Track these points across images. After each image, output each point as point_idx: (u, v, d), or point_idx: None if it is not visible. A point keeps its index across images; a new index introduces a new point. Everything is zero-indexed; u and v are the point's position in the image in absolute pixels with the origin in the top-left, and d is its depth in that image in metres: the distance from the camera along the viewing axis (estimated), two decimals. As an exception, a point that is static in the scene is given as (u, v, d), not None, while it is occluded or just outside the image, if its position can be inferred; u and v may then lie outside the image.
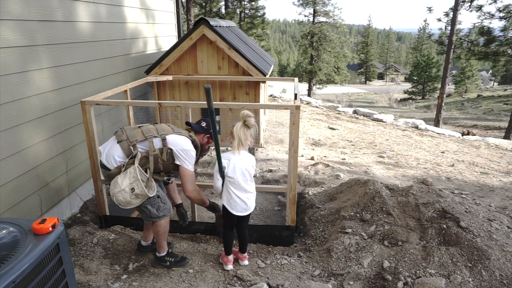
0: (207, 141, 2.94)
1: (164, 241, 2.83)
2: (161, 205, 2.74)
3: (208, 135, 2.90)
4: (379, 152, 7.00)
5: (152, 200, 2.68)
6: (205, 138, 2.92)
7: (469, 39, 15.79)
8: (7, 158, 2.92)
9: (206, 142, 2.93)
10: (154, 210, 2.71)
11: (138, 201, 2.56)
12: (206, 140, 2.93)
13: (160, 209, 2.73)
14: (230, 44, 4.63)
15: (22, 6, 3.02)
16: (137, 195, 2.51)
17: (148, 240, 3.09)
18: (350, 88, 45.91)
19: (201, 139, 2.89)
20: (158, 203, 2.73)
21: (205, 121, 2.93)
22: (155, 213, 2.71)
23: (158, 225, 2.75)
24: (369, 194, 3.60)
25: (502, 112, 23.51)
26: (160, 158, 2.68)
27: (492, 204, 4.27)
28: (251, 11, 20.45)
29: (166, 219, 2.78)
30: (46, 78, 3.35)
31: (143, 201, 2.60)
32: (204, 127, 2.91)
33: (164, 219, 2.76)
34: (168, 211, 2.80)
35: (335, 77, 30.07)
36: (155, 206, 2.71)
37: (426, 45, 51.74)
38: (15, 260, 1.43)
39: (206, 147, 2.96)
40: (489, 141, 9.52)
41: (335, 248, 3.04)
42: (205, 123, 2.93)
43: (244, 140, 2.65)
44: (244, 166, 2.69)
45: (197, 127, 2.90)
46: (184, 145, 2.71)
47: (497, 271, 2.64)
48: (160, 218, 2.74)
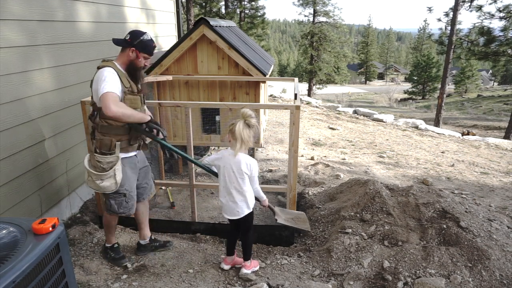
0: (136, 55, 2.52)
1: (110, 233, 2.91)
2: (124, 203, 2.72)
3: (133, 48, 2.49)
4: (379, 152, 7.00)
5: (117, 197, 2.68)
6: (132, 53, 2.51)
7: (469, 39, 15.78)
8: (7, 158, 2.92)
9: (135, 57, 2.53)
10: (115, 206, 2.71)
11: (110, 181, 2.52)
12: (134, 55, 2.52)
13: (121, 206, 2.72)
14: (230, 44, 4.62)
15: (23, 6, 3.02)
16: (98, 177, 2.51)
17: (146, 238, 3.09)
18: (350, 88, 45.90)
19: (128, 56, 2.52)
20: (122, 201, 2.71)
21: (129, 33, 2.53)
22: (115, 209, 2.72)
23: (107, 217, 2.82)
24: (369, 194, 3.60)
25: (502, 112, 23.50)
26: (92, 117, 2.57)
27: (492, 204, 4.27)
28: (251, 11, 20.45)
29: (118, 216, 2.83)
30: (47, 78, 3.35)
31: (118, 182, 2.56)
32: (127, 40, 2.50)
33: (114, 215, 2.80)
34: (129, 210, 2.77)
35: (335, 77, 30.07)
36: (117, 203, 2.71)
37: (426, 45, 51.73)
38: (15, 260, 1.43)
39: (138, 63, 2.56)
40: (489, 141, 9.52)
41: (335, 248, 3.04)
42: (129, 35, 2.52)
43: (247, 142, 2.55)
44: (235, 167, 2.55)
45: (118, 40, 2.55)
46: (96, 76, 2.47)
47: (497, 271, 2.64)
48: (116, 214, 2.77)
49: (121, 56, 2.56)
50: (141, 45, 2.51)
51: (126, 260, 2.91)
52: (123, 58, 2.55)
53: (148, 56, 2.57)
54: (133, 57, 2.53)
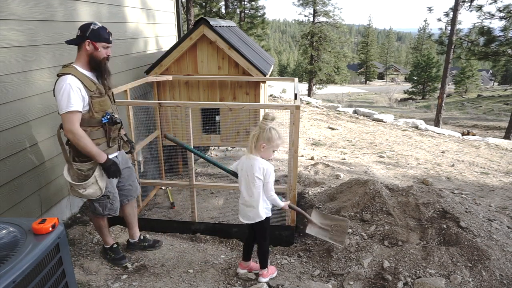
0: (94, 47, 2.36)
1: (104, 235, 2.90)
2: (108, 205, 2.71)
3: (88, 40, 2.33)
4: (379, 152, 7.00)
5: (101, 199, 2.65)
6: (89, 45, 2.35)
7: (469, 39, 15.79)
8: (8, 158, 2.92)
9: (93, 49, 2.36)
10: (100, 209, 2.70)
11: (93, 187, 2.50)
12: (91, 47, 2.35)
13: (106, 208, 2.71)
14: (230, 44, 4.62)
15: (23, 6, 3.02)
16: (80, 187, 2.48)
17: (135, 237, 3.10)
18: (350, 88, 45.90)
19: (86, 50, 2.37)
20: (106, 204, 2.69)
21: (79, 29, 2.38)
22: (100, 211, 2.71)
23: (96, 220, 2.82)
24: (369, 194, 3.60)
25: (502, 112, 23.51)
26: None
27: (492, 204, 4.27)
28: (251, 11, 20.45)
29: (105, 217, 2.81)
30: (47, 78, 3.35)
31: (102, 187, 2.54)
32: (79, 35, 2.35)
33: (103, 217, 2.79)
34: (115, 212, 2.76)
35: (335, 77, 30.08)
36: (102, 205, 2.69)
37: (426, 45, 51.73)
38: (15, 260, 1.43)
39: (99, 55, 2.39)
40: (489, 141, 9.52)
41: (335, 248, 3.04)
42: (79, 30, 2.36)
43: (251, 143, 2.44)
44: (248, 171, 2.48)
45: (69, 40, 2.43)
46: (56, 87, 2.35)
47: (497, 271, 2.64)
48: (103, 216, 2.77)
49: (79, 56, 2.41)
50: (93, 34, 2.35)
51: (126, 260, 2.91)
52: (82, 56, 2.40)
53: (106, 44, 2.40)
54: (91, 50, 2.37)
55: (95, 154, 2.42)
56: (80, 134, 2.35)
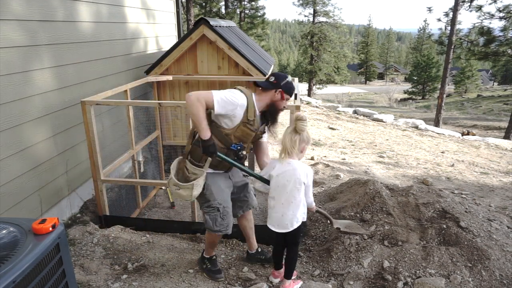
0: (281, 97, 2.48)
1: (210, 248, 2.78)
2: (219, 219, 2.55)
3: (280, 89, 2.45)
4: (379, 152, 7.00)
5: (211, 211, 2.54)
6: (278, 94, 2.47)
7: (469, 39, 15.79)
8: (8, 158, 2.92)
9: (279, 98, 2.48)
10: (210, 222, 2.55)
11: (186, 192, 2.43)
12: (279, 96, 2.47)
13: (216, 223, 2.55)
14: (230, 44, 4.63)
15: (23, 6, 3.02)
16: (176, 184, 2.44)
17: (253, 249, 3.00)
18: (350, 88, 45.90)
19: (272, 96, 2.47)
20: (216, 217, 2.54)
21: (273, 75, 2.49)
22: (210, 225, 2.56)
23: (208, 234, 2.69)
24: (369, 194, 3.60)
25: (502, 112, 23.52)
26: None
27: (492, 204, 4.27)
28: (251, 11, 20.46)
29: (219, 234, 2.63)
30: (48, 78, 3.35)
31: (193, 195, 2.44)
32: (273, 82, 2.46)
33: (217, 234, 2.62)
34: (225, 228, 2.59)
35: (335, 77, 30.08)
36: (212, 218, 2.55)
37: (426, 45, 51.74)
38: (15, 260, 1.43)
39: (281, 104, 2.52)
40: (489, 141, 9.52)
41: (335, 248, 3.04)
42: (274, 77, 2.48)
43: (291, 148, 2.34)
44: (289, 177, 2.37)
45: (264, 82, 2.50)
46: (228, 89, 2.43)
47: (497, 271, 2.64)
48: (214, 232, 2.59)
49: (262, 95, 2.48)
50: (287, 87, 2.48)
51: (222, 275, 2.76)
52: (265, 98, 2.47)
53: (289, 98, 2.55)
54: (277, 99, 2.48)
55: (201, 125, 2.29)
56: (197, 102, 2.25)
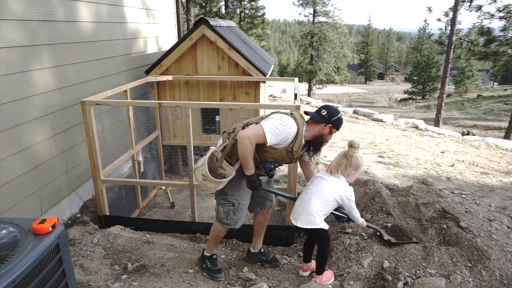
0: (330, 131, 2.54)
1: (213, 243, 2.80)
2: (231, 214, 2.61)
3: (330, 124, 2.50)
4: (379, 152, 7.00)
5: (225, 204, 2.60)
6: (327, 129, 2.52)
7: (469, 39, 15.80)
8: (8, 158, 2.92)
9: (328, 132, 2.54)
10: (222, 214, 2.62)
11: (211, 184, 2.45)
12: (328, 130, 2.52)
13: (228, 217, 2.61)
14: (230, 44, 4.63)
15: (24, 6, 3.02)
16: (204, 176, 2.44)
17: (256, 248, 3.02)
18: (350, 88, 45.91)
19: (321, 130, 2.52)
20: (229, 211, 2.60)
21: (325, 109, 2.53)
22: (221, 217, 2.63)
23: (216, 226, 2.72)
24: (369, 194, 3.60)
25: (502, 112, 23.52)
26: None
27: (492, 204, 4.27)
28: (251, 11, 20.46)
29: (226, 228, 2.68)
30: (48, 78, 3.35)
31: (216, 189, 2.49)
32: (325, 116, 2.50)
33: (224, 227, 2.67)
34: (235, 223, 2.65)
35: (335, 77, 30.08)
36: (225, 211, 2.61)
37: (426, 45, 51.74)
38: (15, 260, 1.43)
39: (327, 138, 2.58)
40: (489, 141, 9.52)
41: (335, 248, 3.04)
42: (326, 111, 2.52)
43: (334, 168, 2.55)
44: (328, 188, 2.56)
45: (315, 115, 2.52)
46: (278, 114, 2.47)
47: (497, 271, 2.64)
48: (222, 224, 2.65)
49: (313, 126, 2.53)
50: (337, 123, 2.54)
51: (222, 275, 2.77)
52: (315, 129, 2.53)
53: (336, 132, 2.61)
54: (326, 132, 2.54)
55: (248, 165, 2.41)
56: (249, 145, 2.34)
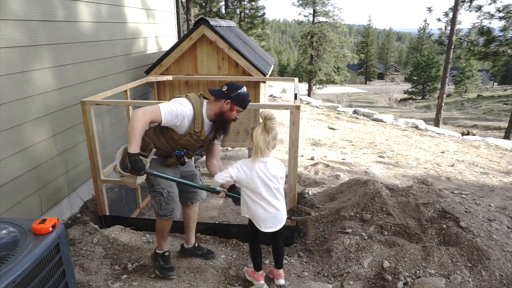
0: (230, 108, 2.46)
1: (162, 239, 2.75)
2: (163, 204, 2.59)
3: (229, 100, 2.44)
4: (379, 152, 7.00)
5: (156, 195, 2.58)
6: (227, 105, 2.45)
7: (469, 39, 15.81)
8: (8, 158, 2.92)
9: (229, 109, 2.46)
10: (156, 206, 2.61)
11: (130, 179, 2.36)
12: (228, 106, 2.45)
13: (161, 207, 2.60)
14: (230, 44, 4.63)
15: (23, 6, 3.02)
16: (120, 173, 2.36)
17: (190, 243, 3.01)
18: (350, 88, 45.91)
19: (221, 106, 2.47)
20: (160, 201, 2.58)
21: (227, 85, 2.48)
22: (156, 209, 2.63)
23: (157, 221, 2.70)
24: (369, 194, 3.60)
25: (502, 112, 23.52)
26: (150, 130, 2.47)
27: (492, 204, 4.27)
28: (251, 11, 20.47)
29: (166, 220, 2.63)
30: (48, 78, 3.35)
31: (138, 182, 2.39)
32: (224, 92, 2.45)
33: (163, 219, 2.63)
34: (170, 213, 2.60)
35: (335, 77, 30.08)
36: (157, 202, 2.60)
37: (426, 45, 51.73)
38: (15, 260, 1.43)
39: (230, 115, 2.50)
40: (489, 141, 9.52)
41: (335, 248, 3.04)
42: (227, 87, 2.46)
43: (264, 150, 2.32)
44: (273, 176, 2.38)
45: (215, 91, 2.48)
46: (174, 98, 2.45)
47: (497, 271, 2.64)
48: (160, 217, 2.63)
49: (214, 104, 2.50)
50: (237, 98, 2.46)
51: (175, 272, 2.72)
52: (216, 106, 2.49)
53: (241, 109, 2.53)
54: (226, 109, 2.47)
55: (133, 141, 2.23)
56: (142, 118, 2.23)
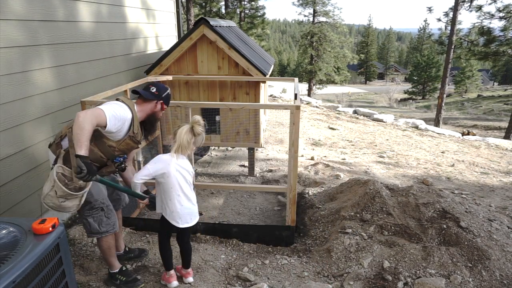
0: (161, 108, 2.61)
1: (112, 257, 2.60)
2: (104, 219, 2.45)
3: (161, 101, 2.58)
4: (379, 152, 7.00)
5: (94, 213, 2.42)
6: (158, 105, 2.58)
7: (469, 39, 15.81)
8: (8, 158, 2.92)
9: (160, 109, 2.61)
10: (96, 224, 2.43)
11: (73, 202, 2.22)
12: (159, 107, 2.59)
13: (102, 224, 2.44)
14: (230, 44, 4.62)
15: (24, 6, 3.02)
16: (63, 196, 2.17)
17: (120, 250, 2.92)
18: (350, 88, 45.90)
19: (153, 107, 2.56)
20: (101, 217, 2.44)
21: (154, 86, 2.58)
22: (96, 228, 2.44)
23: (101, 241, 2.52)
24: (369, 194, 3.60)
25: (502, 112, 23.52)
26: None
27: (492, 204, 4.26)
28: (251, 11, 20.46)
29: (109, 235, 2.51)
30: (48, 78, 3.35)
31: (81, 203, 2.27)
32: (155, 93, 2.55)
33: (106, 236, 2.50)
34: (112, 227, 2.51)
35: (335, 77, 30.07)
36: (97, 220, 2.43)
37: (426, 45, 51.71)
38: (15, 260, 1.43)
39: (160, 115, 2.65)
40: (489, 141, 9.52)
41: (335, 248, 3.04)
42: (155, 88, 2.57)
43: (185, 148, 2.39)
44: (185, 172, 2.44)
45: (146, 93, 2.54)
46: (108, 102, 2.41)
47: (497, 271, 2.64)
48: (102, 235, 2.47)
49: (143, 105, 2.54)
50: (167, 98, 2.62)
51: (141, 281, 2.65)
52: (147, 107, 2.55)
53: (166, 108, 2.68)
54: (158, 109, 2.60)
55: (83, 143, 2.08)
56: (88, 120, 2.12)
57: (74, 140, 2.11)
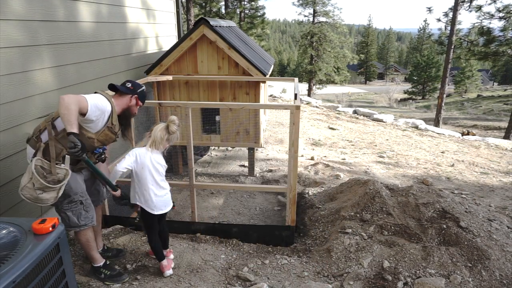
0: (136, 103, 2.69)
1: (93, 251, 2.64)
2: (83, 212, 2.49)
3: (136, 95, 2.67)
4: (379, 152, 7.00)
5: (73, 206, 2.46)
6: (133, 100, 2.67)
7: (469, 39, 15.80)
8: (8, 158, 2.92)
9: (134, 104, 2.69)
10: (74, 218, 2.46)
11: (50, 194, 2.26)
12: (134, 101, 2.68)
13: (81, 217, 2.48)
14: (230, 44, 4.62)
15: (24, 6, 3.02)
16: (40, 188, 2.23)
17: (99, 247, 2.91)
18: (350, 88, 45.90)
19: (128, 101, 2.65)
20: (80, 210, 2.48)
21: (129, 82, 2.70)
22: (74, 222, 2.47)
23: (79, 235, 2.55)
24: (369, 194, 3.60)
25: (502, 112, 23.51)
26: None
27: (492, 204, 4.27)
28: (251, 11, 20.46)
29: (87, 229, 2.55)
30: (48, 78, 3.35)
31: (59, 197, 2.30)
32: (130, 88, 2.66)
33: (84, 229, 2.54)
34: (91, 221, 2.55)
35: (335, 77, 30.07)
36: (76, 213, 2.47)
37: (426, 45, 51.70)
38: (15, 260, 1.43)
39: (135, 110, 2.72)
40: (489, 141, 9.52)
41: (335, 248, 3.04)
42: (130, 83, 2.69)
43: (158, 144, 2.60)
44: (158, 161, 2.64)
45: (122, 87, 2.64)
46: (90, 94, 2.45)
47: (497, 271, 2.64)
48: (80, 228, 2.50)
49: (120, 99, 2.63)
50: (142, 94, 2.72)
51: (126, 276, 2.70)
52: (123, 101, 2.64)
53: (142, 105, 2.78)
54: (132, 104, 2.69)
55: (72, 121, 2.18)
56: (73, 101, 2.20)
57: (64, 121, 2.20)
